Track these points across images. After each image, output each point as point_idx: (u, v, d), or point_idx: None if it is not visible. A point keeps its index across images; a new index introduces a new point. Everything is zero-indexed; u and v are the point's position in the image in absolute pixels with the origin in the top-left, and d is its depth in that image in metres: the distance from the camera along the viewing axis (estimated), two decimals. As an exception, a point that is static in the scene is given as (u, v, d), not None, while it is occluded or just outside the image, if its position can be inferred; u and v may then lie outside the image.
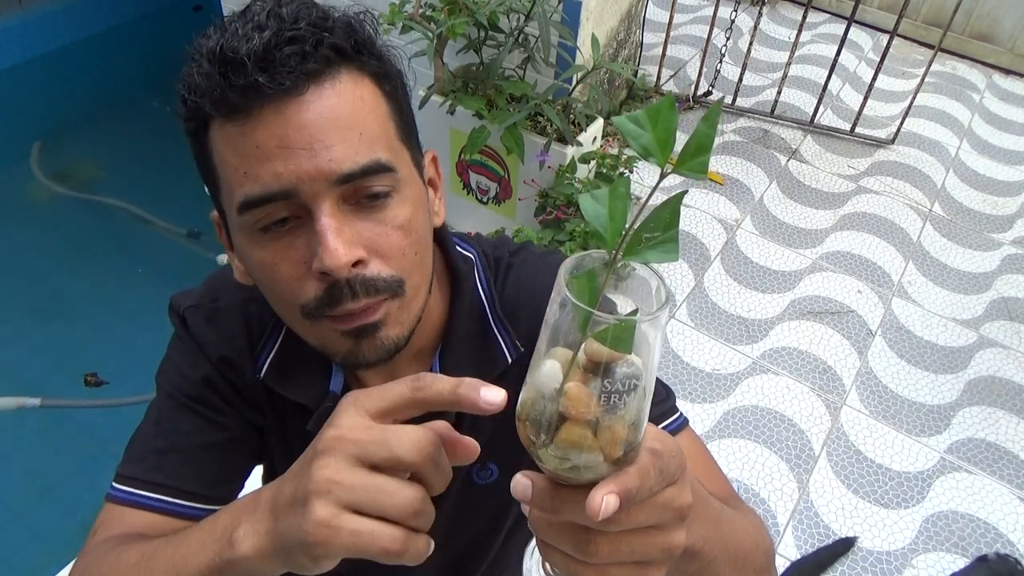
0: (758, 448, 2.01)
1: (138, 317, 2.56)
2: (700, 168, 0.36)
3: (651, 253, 0.37)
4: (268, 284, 0.62)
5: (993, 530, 1.88)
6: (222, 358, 0.75)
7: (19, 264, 2.79)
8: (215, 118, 0.57)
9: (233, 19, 0.57)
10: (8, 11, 3.74)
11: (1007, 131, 3.24)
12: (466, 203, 2.52)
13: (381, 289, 0.59)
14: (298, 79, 0.55)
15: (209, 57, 0.55)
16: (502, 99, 2.17)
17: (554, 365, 0.39)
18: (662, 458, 0.41)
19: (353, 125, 0.57)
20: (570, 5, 2.27)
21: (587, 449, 0.38)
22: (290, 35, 0.55)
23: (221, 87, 0.54)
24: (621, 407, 0.38)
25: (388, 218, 0.59)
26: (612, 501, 0.38)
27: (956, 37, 3.58)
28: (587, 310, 0.37)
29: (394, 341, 0.62)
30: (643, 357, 0.39)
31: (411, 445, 0.42)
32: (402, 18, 2.02)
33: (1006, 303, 2.47)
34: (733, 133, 3.05)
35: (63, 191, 3.11)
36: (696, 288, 2.43)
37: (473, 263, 0.76)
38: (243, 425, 0.77)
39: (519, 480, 0.42)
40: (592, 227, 0.37)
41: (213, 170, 0.60)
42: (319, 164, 0.55)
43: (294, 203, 0.57)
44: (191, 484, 0.72)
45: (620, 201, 0.37)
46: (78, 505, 2.05)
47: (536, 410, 0.40)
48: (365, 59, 0.60)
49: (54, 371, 2.41)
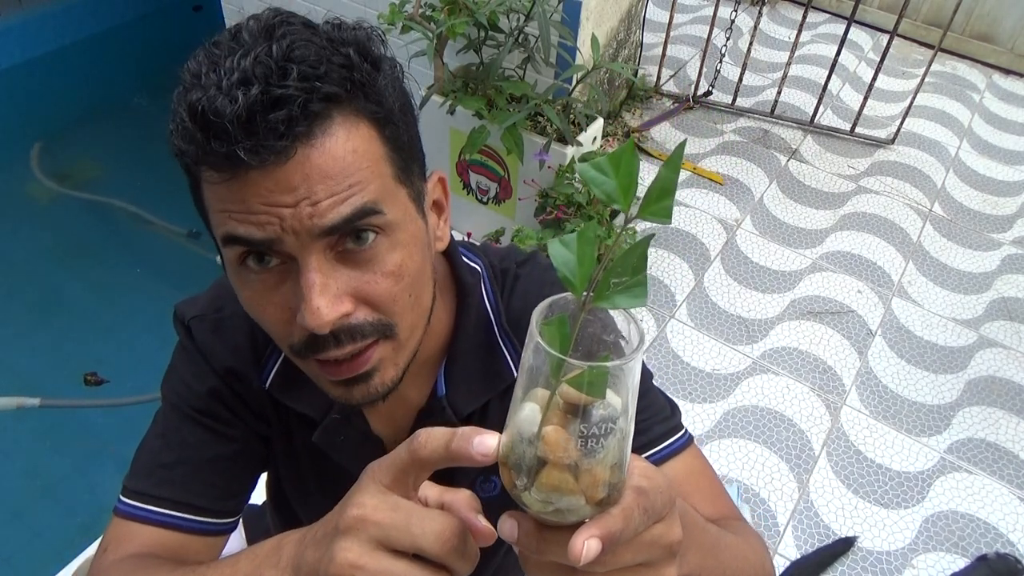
0: (758, 448, 2.01)
1: (138, 317, 2.57)
2: (664, 212, 0.36)
3: (620, 298, 0.37)
4: (256, 319, 0.60)
5: (993, 530, 1.88)
6: (228, 369, 0.74)
7: (19, 264, 2.79)
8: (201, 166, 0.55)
9: (219, 55, 0.52)
10: (8, 11, 3.74)
11: (1007, 131, 3.24)
12: (466, 203, 2.52)
13: (367, 334, 0.57)
14: (285, 141, 0.51)
15: (191, 114, 0.51)
16: (502, 99, 2.17)
17: (533, 408, 0.39)
18: (648, 496, 0.41)
19: (343, 179, 0.54)
20: (570, 5, 2.26)
21: (568, 493, 0.39)
22: (277, 95, 0.50)
23: (204, 148, 0.52)
24: (600, 450, 0.38)
25: (376, 264, 0.56)
26: (594, 545, 0.38)
27: (956, 37, 3.58)
28: (559, 357, 0.37)
29: (388, 386, 0.61)
30: (622, 398, 0.39)
31: (433, 536, 0.42)
32: (402, 18, 2.02)
33: (1006, 303, 2.47)
34: (733, 133, 3.05)
35: (63, 191, 3.11)
36: (696, 288, 2.43)
37: (480, 275, 0.75)
38: (249, 436, 0.76)
39: (505, 521, 0.42)
40: (561, 273, 0.37)
41: (203, 202, 0.58)
42: (303, 220, 0.53)
43: (277, 251, 0.55)
44: (199, 499, 0.72)
45: (588, 246, 0.37)
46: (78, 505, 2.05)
47: (516, 454, 0.40)
48: (362, 104, 0.56)
49: (54, 371, 2.41)
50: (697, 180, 2.82)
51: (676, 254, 2.53)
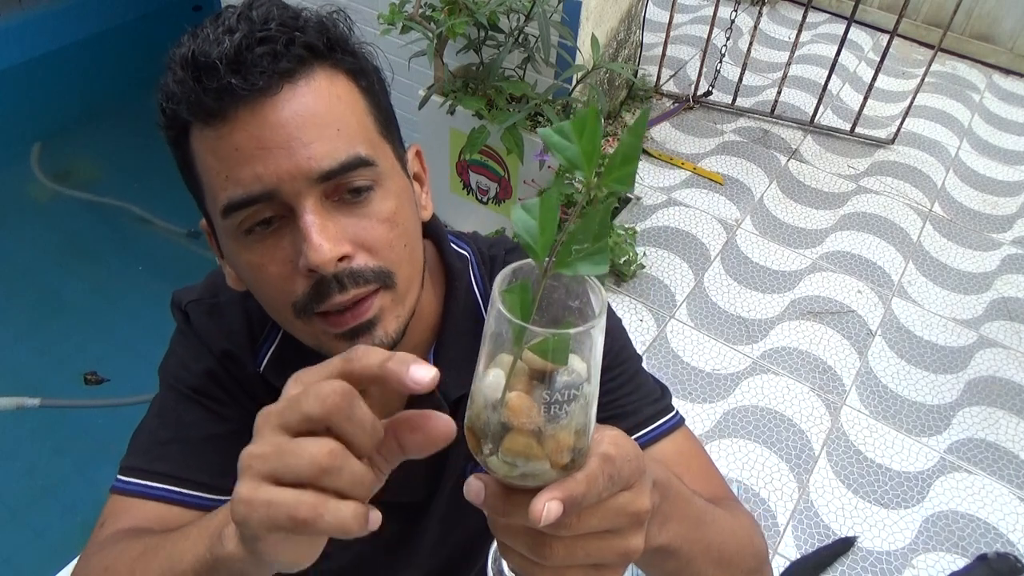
0: (758, 448, 2.01)
1: (138, 317, 2.56)
2: (626, 180, 0.36)
3: (581, 265, 0.37)
4: (258, 286, 0.62)
5: (993, 530, 1.88)
6: (224, 351, 0.75)
7: (19, 264, 2.79)
8: (193, 124, 0.57)
9: (205, 25, 0.57)
10: (8, 11, 3.73)
11: (1007, 131, 3.24)
12: (466, 203, 2.52)
13: (369, 279, 0.59)
14: (271, 79, 0.55)
15: (182, 64, 0.55)
16: (502, 99, 2.17)
17: (497, 374, 0.39)
18: (614, 463, 0.41)
19: (330, 122, 0.57)
20: (570, 5, 2.26)
21: (533, 458, 0.39)
22: (261, 36, 0.55)
23: (195, 92, 0.55)
24: (563, 416, 0.38)
25: (372, 212, 0.59)
26: (554, 507, 0.38)
27: (956, 37, 3.58)
28: (520, 324, 0.37)
29: (391, 336, 0.62)
30: (586, 363, 0.39)
31: (314, 398, 0.39)
32: (402, 18, 2.02)
33: (1006, 303, 2.47)
34: (733, 133, 3.05)
35: (63, 191, 3.11)
36: (696, 288, 2.43)
37: (468, 260, 0.76)
38: (245, 418, 0.75)
39: (472, 483, 0.42)
40: (523, 239, 0.37)
41: (196, 177, 0.60)
42: (298, 162, 0.55)
43: (277, 203, 0.57)
44: (196, 473, 0.72)
45: (551, 212, 0.37)
46: (78, 505, 2.05)
47: (481, 420, 0.40)
48: (339, 56, 0.60)
49: (54, 371, 2.41)
50: (697, 180, 2.82)
51: (676, 254, 2.53)
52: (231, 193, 0.56)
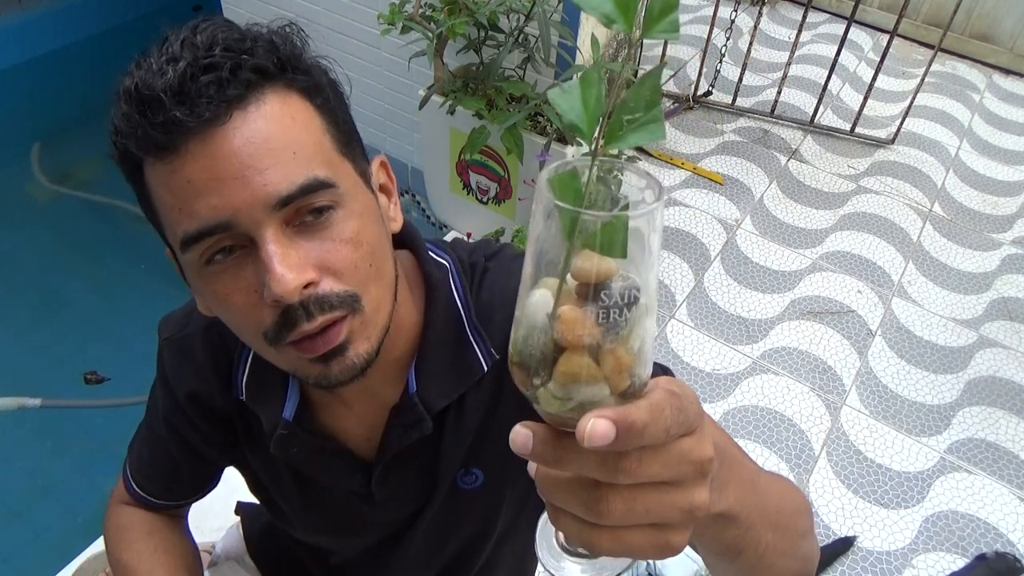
0: (758, 448, 2.01)
1: (138, 317, 2.56)
2: (671, 27, 0.32)
3: (635, 135, 0.33)
4: (227, 316, 0.61)
5: (993, 530, 1.88)
6: (189, 395, 0.79)
7: (19, 264, 2.79)
8: (145, 158, 0.56)
9: (151, 52, 0.55)
10: (8, 11, 3.73)
11: (1007, 131, 3.24)
12: (466, 203, 2.52)
13: (336, 305, 0.58)
14: (219, 108, 0.53)
15: (126, 97, 0.54)
16: (502, 99, 2.17)
17: (544, 293, 0.35)
18: (680, 399, 0.36)
19: (285, 145, 0.55)
20: (570, 5, 2.26)
21: (589, 380, 0.34)
22: (205, 63, 0.53)
23: (142, 126, 0.53)
24: (622, 324, 0.34)
25: (335, 234, 0.58)
26: (601, 424, 0.32)
27: (956, 37, 3.58)
28: (572, 209, 0.33)
29: (364, 358, 0.61)
30: (641, 270, 0.34)
31: None
32: (402, 18, 2.02)
33: (1006, 303, 2.47)
34: (733, 133, 3.05)
35: (63, 191, 3.11)
36: (696, 288, 2.43)
37: (448, 270, 0.74)
38: (216, 446, 0.85)
39: (518, 431, 0.36)
40: (567, 120, 0.33)
41: (154, 210, 0.59)
42: (254, 191, 0.54)
43: (235, 233, 0.55)
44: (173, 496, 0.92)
45: (593, 87, 0.33)
46: (78, 505, 2.05)
47: (529, 346, 0.35)
48: (291, 75, 0.58)
49: (54, 371, 2.41)
50: (697, 180, 2.82)
51: (676, 254, 2.53)
52: (187, 227, 0.55)
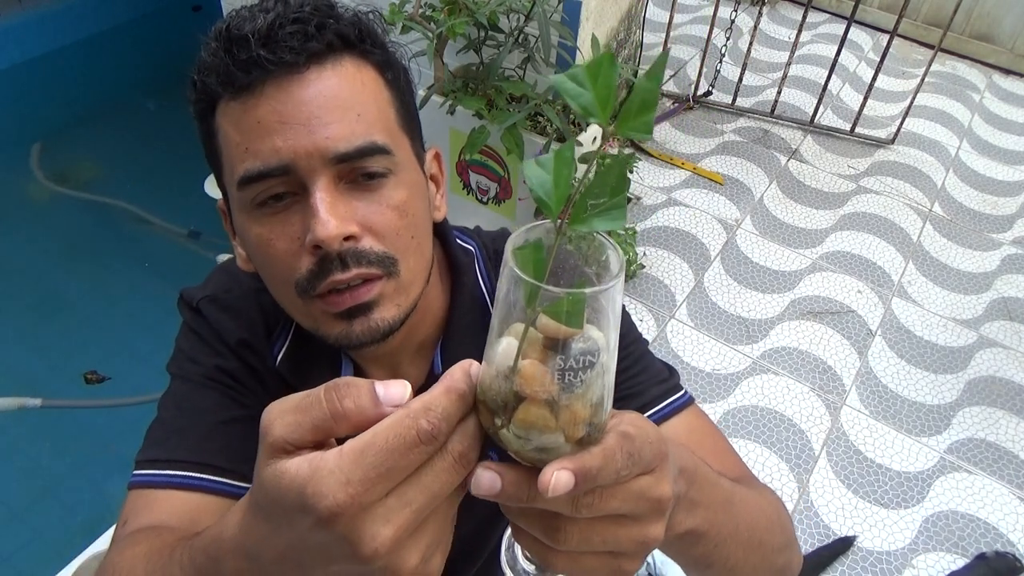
0: (758, 448, 2.01)
1: (138, 317, 2.56)
2: (645, 128, 0.33)
3: (598, 221, 0.35)
4: (265, 261, 0.62)
5: (993, 530, 1.88)
6: (241, 341, 0.74)
7: (19, 264, 2.79)
8: (221, 97, 0.59)
9: (244, 8, 0.60)
10: (8, 11, 3.73)
11: (1007, 131, 3.24)
12: (466, 203, 2.52)
13: (373, 261, 0.59)
14: (299, 56, 0.57)
15: (216, 36, 0.59)
16: (502, 99, 2.17)
17: (510, 343, 0.37)
18: (633, 441, 0.39)
19: (352, 106, 0.59)
20: (570, 5, 2.26)
21: (546, 430, 0.37)
22: (294, 16, 0.58)
23: (226, 63, 0.57)
24: (579, 385, 0.36)
25: (384, 198, 0.61)
26: (563, 477, 0.35)
27: (956, 37, 3.58)
28: (534, 283, 0.34)
29: (388, 323, 0.62)
30: (603, 332, 0.37)
31: None
32: (402, 18, 2.02)
33: (1006, 303, 2.47)
34: (733, 133, 3.05)
35: (63, 191, 3.11)
36: (696, 288, 2.43)
37: (474, 255, 0.77)
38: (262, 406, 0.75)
39: (482, 474, 0.38)
40: (536, 195, 0.34)
41: (217, 150, 0.62)
42: (316, 141, 0.57)
43: (291, 179, 0.58)
44: (215, 457, 0.68)
45: (565, 167, 0.35)
46: (78, 505, 2.05)
47: (493, 390, 0.38)
48: (369, 48, 0.62)
49: (54, 371, 2.41)
50: (697, 180, 2.82)
51: (676, 254, 2.53)
52: (248, 165, 0.58)
